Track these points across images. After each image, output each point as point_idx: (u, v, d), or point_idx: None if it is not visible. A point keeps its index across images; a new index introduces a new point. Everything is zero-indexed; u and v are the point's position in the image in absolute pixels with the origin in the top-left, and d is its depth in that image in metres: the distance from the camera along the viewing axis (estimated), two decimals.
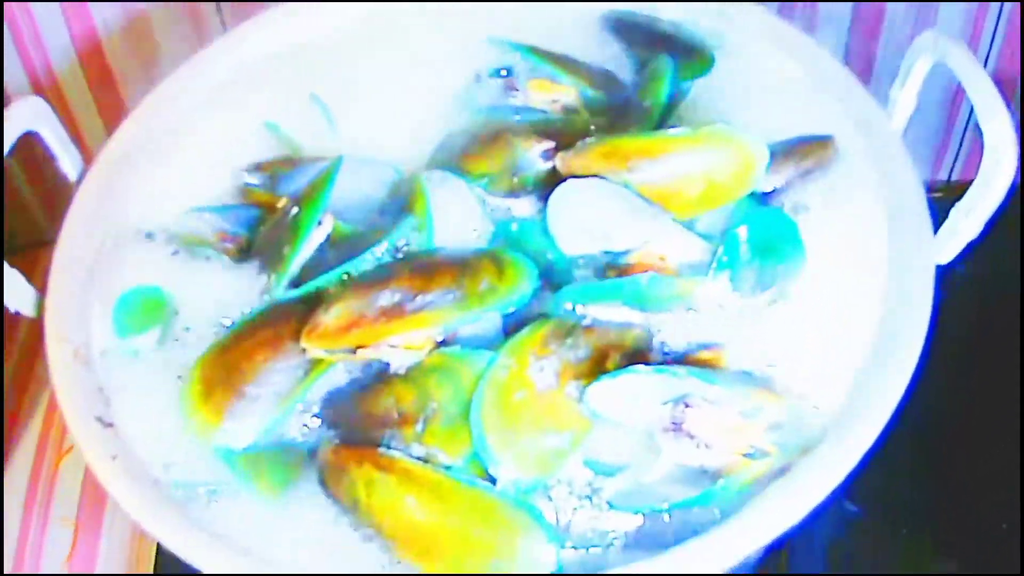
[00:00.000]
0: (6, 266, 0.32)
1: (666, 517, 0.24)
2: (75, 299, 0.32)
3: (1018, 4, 0.50)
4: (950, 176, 0.59)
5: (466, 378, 0.26)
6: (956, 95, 0.54)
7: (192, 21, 0.51)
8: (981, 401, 0.42)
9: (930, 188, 0.32)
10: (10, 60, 0.52)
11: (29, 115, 0.34)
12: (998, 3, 0.51)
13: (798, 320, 0.28)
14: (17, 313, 0.35)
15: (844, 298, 0.29)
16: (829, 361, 0.27)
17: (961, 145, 0.58)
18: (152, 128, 0.36)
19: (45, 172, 0.56)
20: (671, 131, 0.30)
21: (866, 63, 0.52)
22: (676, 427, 0.25)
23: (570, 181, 0.29)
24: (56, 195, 0.40)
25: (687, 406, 0.25)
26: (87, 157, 0.38)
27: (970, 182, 0.30)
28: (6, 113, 0.34)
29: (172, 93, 0.37)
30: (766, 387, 0.26)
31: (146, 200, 0.34)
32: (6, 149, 0.33)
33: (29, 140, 0.36)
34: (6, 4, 0.48)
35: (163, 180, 0.34)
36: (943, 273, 0.30)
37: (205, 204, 0.32)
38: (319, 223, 0.28)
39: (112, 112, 0.53)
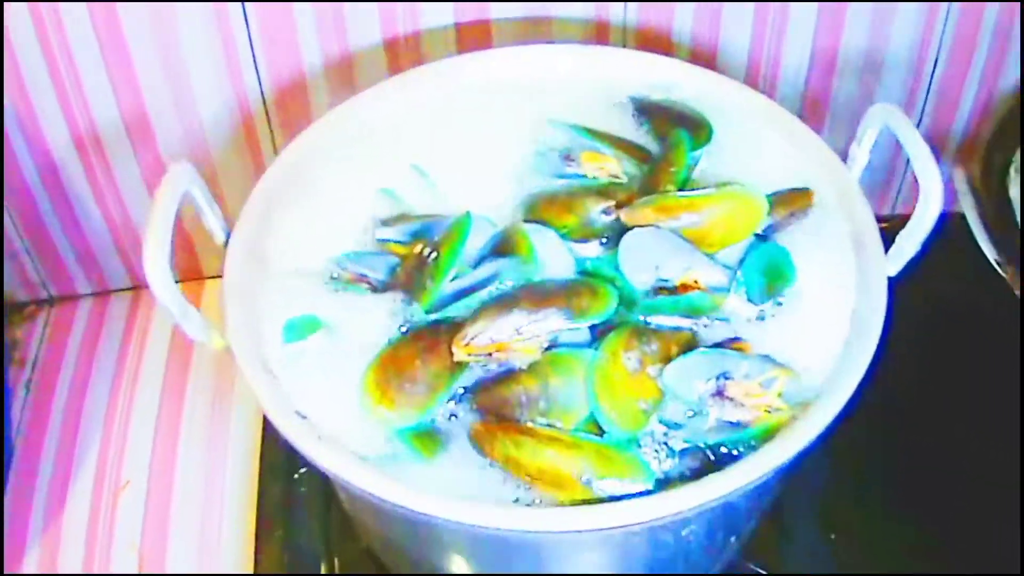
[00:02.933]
0: (190, 306, 0.46)
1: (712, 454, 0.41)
2: (248, 328, 0.46)
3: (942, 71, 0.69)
4: (894, 209, 0.78)
5: (575, 368, 0.42)
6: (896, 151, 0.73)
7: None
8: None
9: (880, 219, 0.49)
10: None
11: (187, 178, 0.46)
12: (930, 71, 0.70)
13: (794, 319, 0.45)
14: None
15: (825, 302, 0.46)
16: (817, 347, 0.44)
17: (901, 187, 0.77)
18: (281, 190, 0.51)
19: None
20: (705, 191, 0.47)
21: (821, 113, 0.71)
22: (719, 394, 0.42)
23: (635, 230, 0.45)
24: None
25: (726, 379, 0.42)
26: None
27: (909, 214, 0.47)
28: (168, 177, 0.46)
29: (293, 159, 0.52)
30: (777, 365, 0.43)
31: (288, 247, 0.49)
32: (175, 206, 0.47)
33: None
34: None
35: (300, 232, 0.49)
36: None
37: (344, 251, 0.48)
38: (455, 265, 0.44)
39: None
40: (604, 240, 0.47)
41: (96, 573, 0.66)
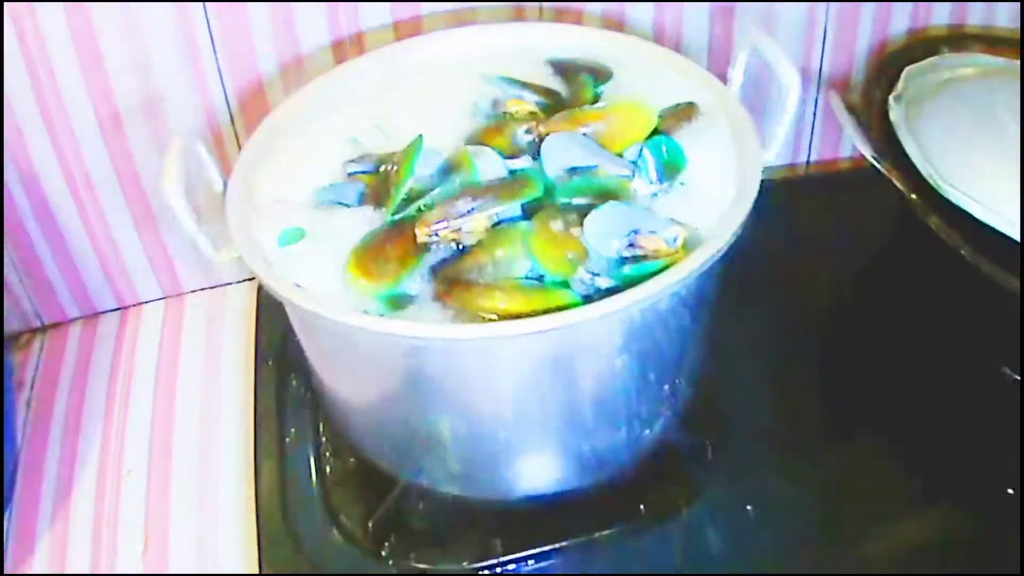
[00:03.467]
0: (203, 224, 0.61)
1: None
2: (248, 240, 0.61)
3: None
4: (808, 157, 0.97)
5: (515, 238, 0.58)
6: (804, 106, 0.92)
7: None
8: None
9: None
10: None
11: (191, 139, 0.63)
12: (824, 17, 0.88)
13: (689, 196, 0.62)
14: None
15: (713, 183, 0.63)
16: (708, 214, 0.61)
17: (812, 138, 0.96)
18: (264, 147, 0.67)
19: None
20: (604, 104, 0.65)
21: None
22: (632, 246, 0.58)
23: (552, 135, 0.63)
24: None
25: (636, 234, 0.59)
26: None
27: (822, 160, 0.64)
28: (177, 138, 0.62)
29: (272, 125, 0.69)
30: (679, 224, 0.60)
31: (275, 187, 0.65)
32: (184, 155, 0.61)
33: None
34: None
35: (283, 176, 0.65)
36: None
37: (321, 185, 0.64)
38: (413, 174, 0.61)
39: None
40: (530, 156, 0.64)
41: (100, 574, 0.78)
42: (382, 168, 0.63)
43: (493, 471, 0.63)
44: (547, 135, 0.63)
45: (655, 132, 0.64)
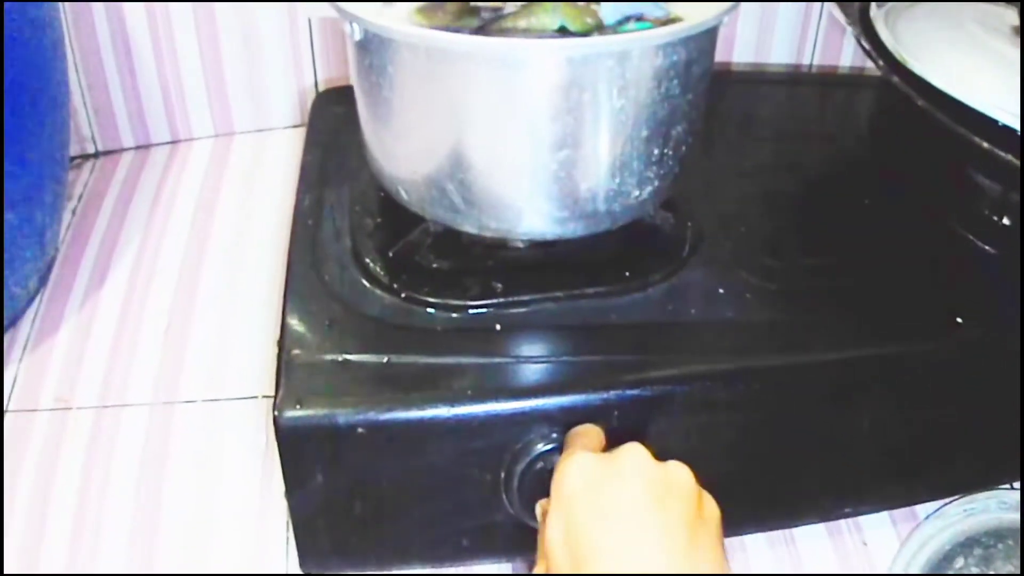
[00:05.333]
0: None
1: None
2: None
3: None
4: (812, 59, 1.27)
5: (547, 7, 0.86)
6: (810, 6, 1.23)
7: None
8: None
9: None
10: None
11: None
12: None
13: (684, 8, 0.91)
14: None
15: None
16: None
17: (816, 39, 1.26)
18: None
19: None
20: None
21: None
22: (638, 19, 0.87)
23: None
24: None
25: (643, 13, 0.87)
26: None
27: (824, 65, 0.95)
28: None
29: None
30: (677, 16, 0.88)
31: None
32: None
33: None
34: None
35: None
36: None
37: None
38: None
39: None
40: None
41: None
42: None
43: (506, 202, 0.89)
44: None
45: None
